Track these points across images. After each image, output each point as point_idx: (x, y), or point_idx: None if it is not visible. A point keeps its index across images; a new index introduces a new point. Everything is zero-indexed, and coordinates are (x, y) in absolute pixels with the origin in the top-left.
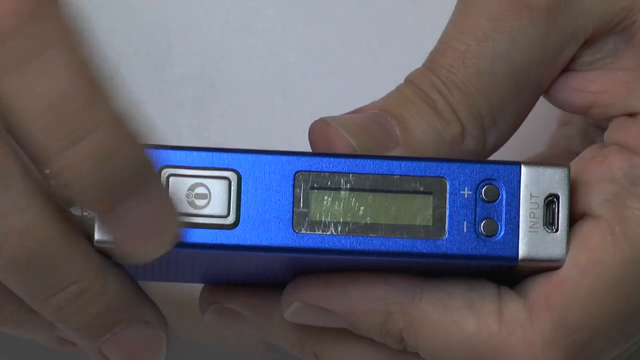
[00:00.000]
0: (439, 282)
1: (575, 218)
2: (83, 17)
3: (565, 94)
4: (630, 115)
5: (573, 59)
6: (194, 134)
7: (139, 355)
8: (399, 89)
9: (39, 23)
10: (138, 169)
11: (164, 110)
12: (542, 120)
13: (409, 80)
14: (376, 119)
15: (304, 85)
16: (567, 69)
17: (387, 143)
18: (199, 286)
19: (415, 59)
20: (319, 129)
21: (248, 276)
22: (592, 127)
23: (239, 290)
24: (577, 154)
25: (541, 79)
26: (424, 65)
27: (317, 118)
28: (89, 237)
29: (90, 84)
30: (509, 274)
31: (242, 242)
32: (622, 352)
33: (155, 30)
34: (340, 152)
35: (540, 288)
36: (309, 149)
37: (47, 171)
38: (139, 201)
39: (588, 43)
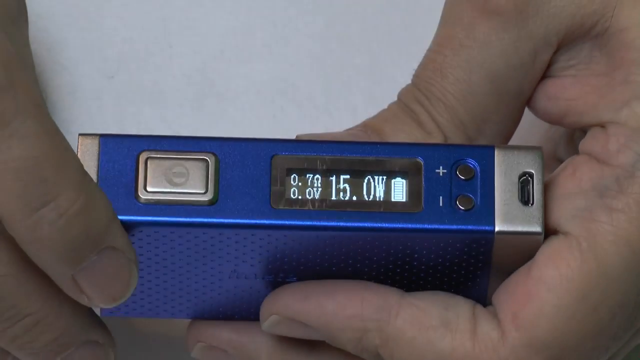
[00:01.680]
0: (415, 299)
1: (547, 233)
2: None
3: (542, 102)
4: (602, 126)
5: (549, 65)
6: (194, 134)
7: None
8: (388, 107)
9: (7, 93)
10: (103, 224)
11: (164, 110)
12: (533, 124)
13: (398, 97)
14: (355, 133)
15: (304, 85)
16: (544, 75)
17: None
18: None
19: (415, 59)
20: None
21: (230, 296)
22: (578, 131)
23: (224, 328)
24: (562, 161)
25: (522, 85)
26: (411, 81)
27: (317, 118)
28: None
29: (56, 150)
30: (486, 267)
31: (220, 218)
32: None
33: (155, 31)
34: None
35: (508, 305)
36: None
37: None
38: (102, 254)
39: (563, 48)
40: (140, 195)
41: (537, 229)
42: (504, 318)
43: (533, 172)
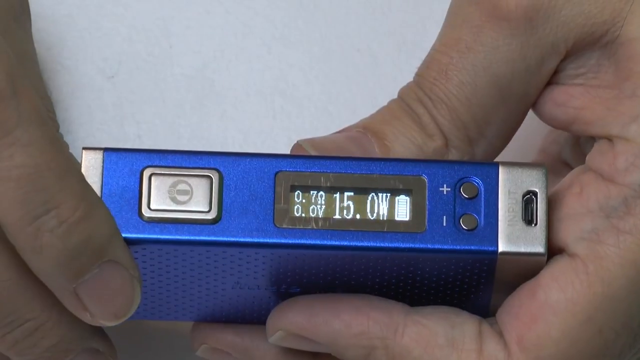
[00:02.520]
0: (421, 317)
1: (553, 252)
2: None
3: (548, 108)
4: (609, 139)
5: (557, 72)
6: (194, 134)
7: None
8: (388, 104)
9: (10, 102)
10: (104, 235)
11: (164, 110)
12: (538, 127)
13: (399, 95)
14: (356, 137)
15: (304, 85)
16: (552, 82)
17: None
18: None
19: (415, 59)
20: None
21: (233, 303)
22: (583, 137)
23: (228, 332)
24: (566, 164)
25: (527, 89)
26: (413, 79)
27: (317, 118)
28: None
29: (58, 159)
30: (489, 282)
31: (224, 237)
32: None
33: (155, 31)
34: None
35: (513, 326)
36: None
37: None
38: (104, 267)
39: (571, 56)
40: (144, 213)
41: (541, 250)
42: (509, 339)
43: (537, 190)
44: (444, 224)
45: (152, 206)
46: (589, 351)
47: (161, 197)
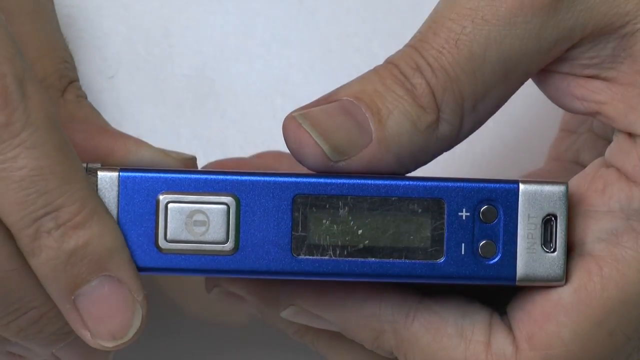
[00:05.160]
0: (433, 303)
1: (569, 246)
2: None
3: (569, 101)
4: (631, 135)
5: (568, 60)
6: (194, 134)
7: (89, 356)
8: (377, 71)
9: (19, 105)
10: (105, 247)
11: (164, 110)
12: (543, 131)
13: (390, 62)
14: (350, 109)
15: (304, 85)
16: (563, 71)
17: (360, 141)
18: None
19: None
20: (291, 131)
21: None
22: (600, 139)
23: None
24: (583, 165)
25: (531, 69)
26: (411, 44)
27: None
28: None
29: (63, 164)
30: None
31: (241, 267)
32: None
33: (155, 31)
34: (310, 155)
35: (524, 323)
36: None
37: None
38: (104, 282)
39: (586, 44)
40: (161, 245)
41: (559, 276)
42: (519, 336)
43: (557, 214)
44: (462, 252)
45: (169, 237)
46: (598, 354)
47: (178, 228)
